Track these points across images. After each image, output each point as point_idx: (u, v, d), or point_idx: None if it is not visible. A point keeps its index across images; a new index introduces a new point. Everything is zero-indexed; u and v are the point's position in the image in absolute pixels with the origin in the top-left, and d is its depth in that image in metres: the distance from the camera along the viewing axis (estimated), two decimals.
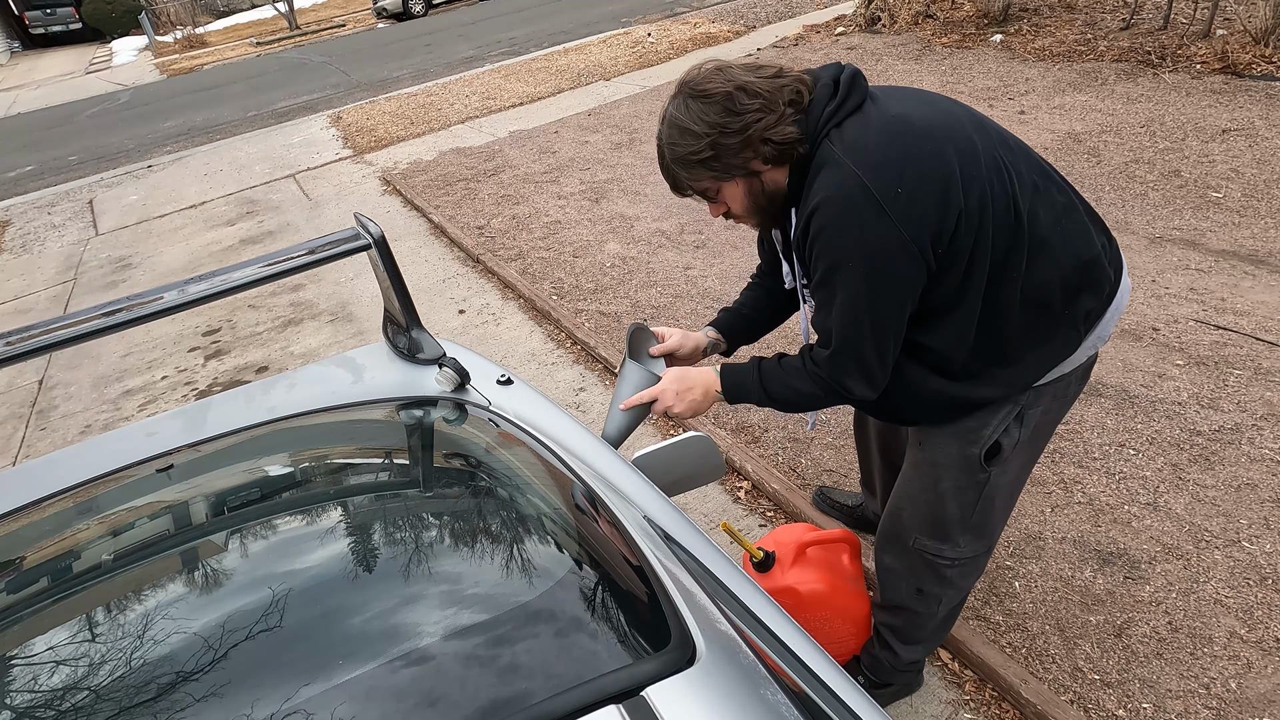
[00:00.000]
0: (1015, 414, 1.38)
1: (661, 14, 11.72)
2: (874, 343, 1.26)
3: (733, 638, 0.90)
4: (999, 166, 1.22)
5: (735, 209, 1.33)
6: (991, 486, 1.46)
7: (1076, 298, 1.29)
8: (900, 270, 1.19)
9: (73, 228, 6.73)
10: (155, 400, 3.81)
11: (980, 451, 1.40)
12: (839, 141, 1.20)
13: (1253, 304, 3.00)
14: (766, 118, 1.19)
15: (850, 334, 1.26)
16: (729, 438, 2.78)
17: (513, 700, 0.79)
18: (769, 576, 1.75)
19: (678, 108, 1.25)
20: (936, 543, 1.54)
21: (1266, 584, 1.97)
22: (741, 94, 1.19)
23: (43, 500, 1.35)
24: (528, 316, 3.95)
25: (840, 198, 1.17)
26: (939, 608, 1.64)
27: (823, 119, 1.21)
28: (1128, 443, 2.46)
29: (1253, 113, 4.63)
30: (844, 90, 1.22)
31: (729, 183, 1.28)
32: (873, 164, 1.16)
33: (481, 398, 1.54)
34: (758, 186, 1.28)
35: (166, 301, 1.45)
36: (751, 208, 1.32)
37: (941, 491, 1.48)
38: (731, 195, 1.30)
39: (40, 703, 0.84)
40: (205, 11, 25.19)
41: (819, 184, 1.20)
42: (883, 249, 1.17)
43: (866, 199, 1.15)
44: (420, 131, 7.63)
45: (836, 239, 1.20)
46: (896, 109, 1.22)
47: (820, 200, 1.19)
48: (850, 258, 1.20)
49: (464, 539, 1.08)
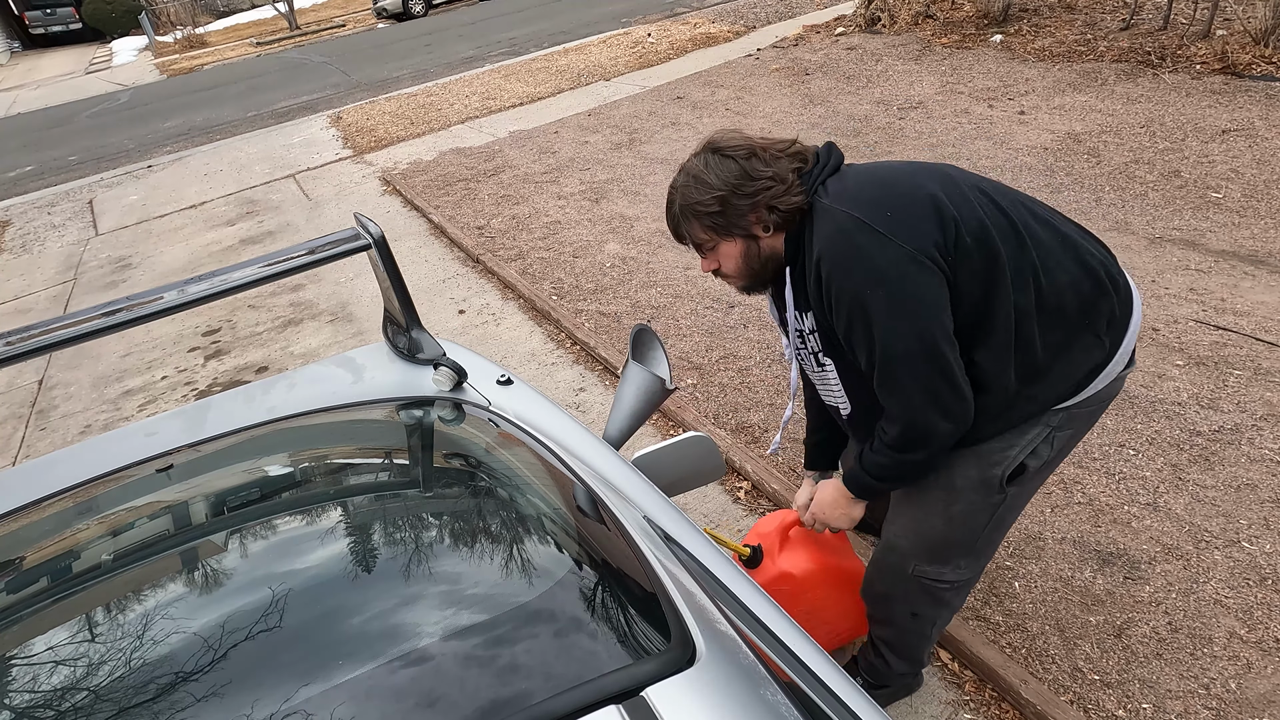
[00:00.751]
0: (1046, 436, 1.36)
1: (661, 14, 11.73)
2: (929, 365, 1.24)
3: (733, 638, 0.90)
4: (980, 190, 1.30)
5: (727, 267, 1.41)
6: (1005, 509, 1.44)
7: (1094, 304, 1.30)
8: (919, 282, 1.21)
9: (73, 228, 6.73)
10: (155, 400, 3.81)
11: (1003, 473, 1.38)
12: (825, 194, 1.30)
13: (1253, 304, 3.00)
14: (776, 187, 1.29)
15: (902, 370, 1.25)
16: (729, 438, 2.78)
17: (513, 700, 0.79)
18: (761, 570, 1.75)
19: (698, 160, 1.35)
20: (937, 567, 1.52)
21: (1266, 584, 1.97)
22: (757, 160, 1.30)
23: (43, 500, 1.35)
24: (528, 317, 3.95)
25: (839, 236, 1.25)
26: (932, 628, 1.64)
27: (813, 179, 1.32)
28: (1127, 443, 2.46)
29: (1252, 113, 4.63)
30: (824, 155, 1.35)
31: (728, 240, 1.36)
32: (858, 201, 1.26)
33: (481, 398, 1.54)
34: (754, 250, 1.36)
35: (166, 301, 1.45)
36: (744, 269, 1.39)
37: (952, 515, 1.45)
38: (727, 253, 1.38)
39: (40, 702, 0.84)
40: (205, 11, 25.19)
41: (817, 234, 1.29)
42: (894, 266, 1.21)
43: (861, 228, 1.23)
44: (420, 132, 7.63)
45: (849, 274, 1.24)
46: (868, 166, 1.37)
47: (823, 246, 1.27)
48: (867, 285, 1.23)
49: (464, 539, 1.08)
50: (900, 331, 1.23)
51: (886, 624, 1.70)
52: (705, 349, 3.34)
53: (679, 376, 3.19)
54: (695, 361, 3.27)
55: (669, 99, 7.14)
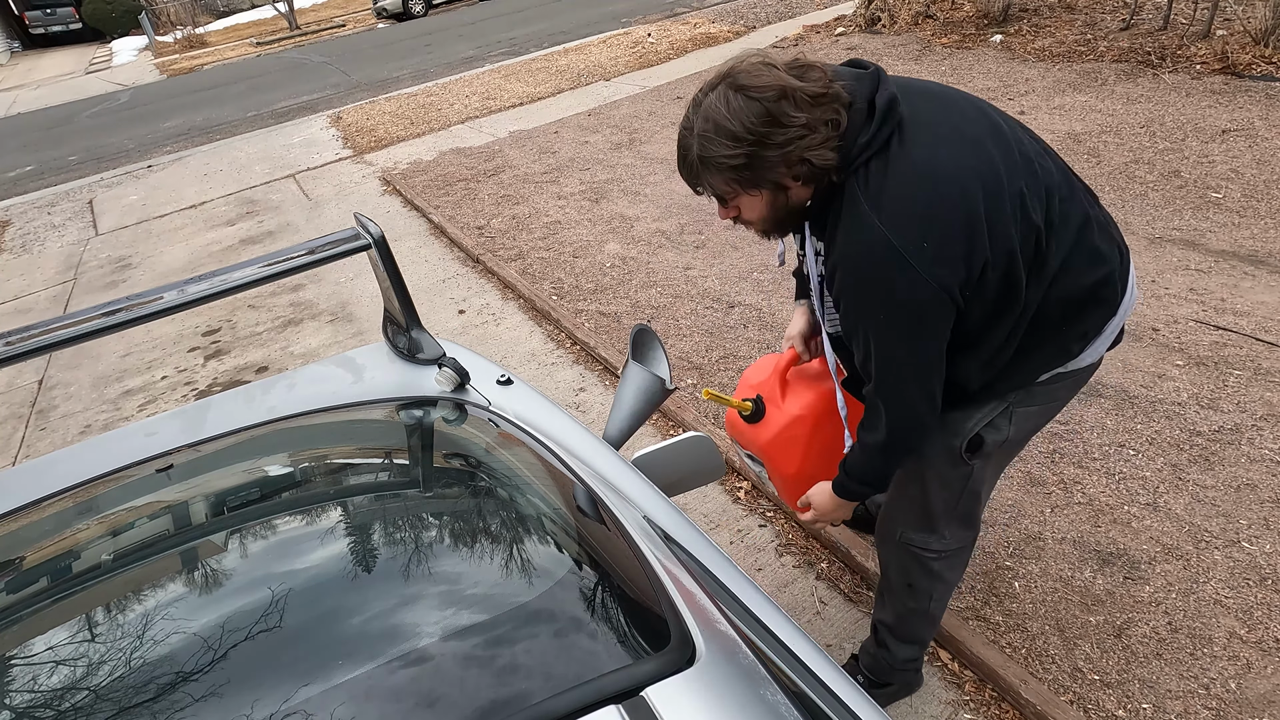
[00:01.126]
0: (1004, 410, 1.38)
1: (661, 14, 11.72)
2: (918, 386, 1.26)
3: (732, 638, 0.90)
4: (1023, 200, 1.18)
5: (749, 216, 1.27)
6: (975, 480, 1.47)
7: (1079, 316, 1.30)
8: (930, 320, 1.19)
9: (73, 228, 6.73)
10: (155, 400, 3.81)
11: (961, 444, 1.40)
12: (865, 185, 1.15)
13: (1253, 304, 3.00)
14: (810, 136, 1.12)
15: (891, 391, 1.27)
16: (729, 438, 2.78)
17: (513, 700, 0.79)
18: (768, 421, 1.65)
19: (719, 98, 1.13)
20: (923, 535, 1.55)
21: (1266, 584, 1.97)
22: (788, 103, 1.10)
23: (43, 500, 1.35)
24: (528, 317, 3.95)
25: (866, 255, 1.16)
26: (930, 603, 1.66)
27: (855, 150, 1.15)
28: (1127, 443, 2.46)
29: (1252, 113, 4.63)
30: (878, 121, 1.14)
31: (753, 193, 1.21)
32: (898, 217, 1.13)
33: (481, 398, 1.54)
34: (781, 201, 1.22)
35: (166, 301, 1.44)
36: (769, 219, 1.26)
37: (927, 482, 1.49)
38: (751, 204, 1.24)
39: (40, 702, 0.84)
40: (205, 11, 25.19)
41: (844, 231, 1.18)
42: (912, 302, 1.16)
43: (892, 256, 1.13)
44: (420, 131, 7.63)
45: (865, 296, 1.20)
46: (923, 151, 1.15)
47: (846, 254, 1.19)
48: (880, 312, 1.20)
49: (464, 539, 1.08)
50: (899, 358, 1.24)
51: (887, 599, 1.72)
52: (705, 349, 3.34)
53: (679, 376, 3.19)
54: (695, 361, 3.27)
55: (669, 99, 7.14)
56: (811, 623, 2.11)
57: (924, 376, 1.26)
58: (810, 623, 2.11)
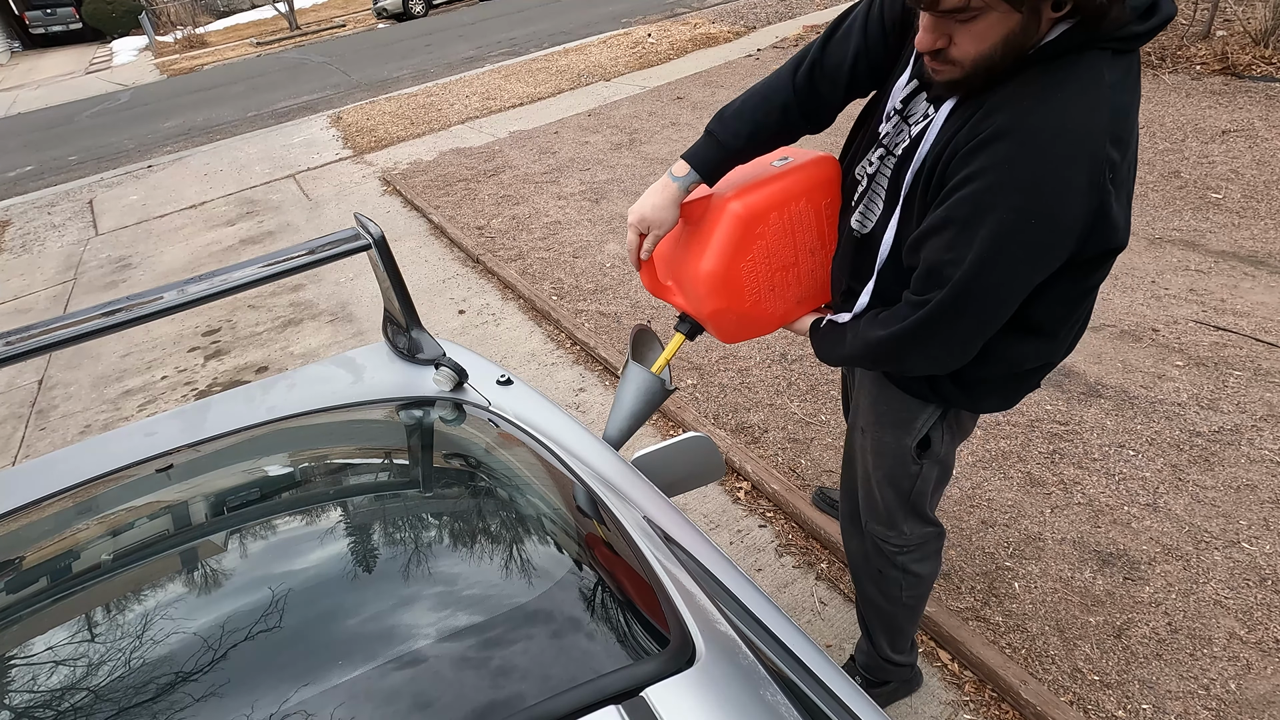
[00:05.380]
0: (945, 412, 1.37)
1: (661, 14, 11.73)
2: (977, 321, 1.08)
3: (732, 638, 0.90)
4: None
5: (965, 49, 0.99)
6: (924, 479, 1.47)
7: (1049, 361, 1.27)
8: (1057, 252, 1.02)
9: (73, 228, 6.72)
10: (155, 400, 3.81)
11: (913, 443, 1.41)
12: (1108, 73, 0.96)
13: (1252, 305, 3.00)
14: None
15: (947, 309, 1.07)
16: (729, 438, 2.78)
17: (512, 700, 0.79)
18: (715, 318, 1.38)
19: None
20: (884, 529, 1.56)
21: (1266, 585, 1.97)
22: None
23: (43, 500, 1.35)
24: (528, 317, 3.95)
25: (1072, 141, 0.95)
26: (901, 593, 1.65)
27: (1121, 26, 0.95)
28: (1127, 443, 2.46)
29: (1252, 114, 4.63)
30: (1151, 25, 0.97)
31: (1001, 13, 0.93)
32: (1119, 127, 0.97)
33: (481, 398, 1.54)
34: (1018, 35, 0.95)
35: (166, 301, 1.44)
36: (986, 57, 0.98)
37: (880, 479, 1.50)
38: (985, 30, 0.96)
39: (40, 702, 0.84)
40: (205, 11, 25.19)
41: (1061, 92, 0.96)
42: (1064, 221, 0.98)
43: (1095, 162, 0.95)
44: (420, 132, 7.63)
45: (1025, 178, 0.97)
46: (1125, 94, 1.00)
47: (1046, 122, 0.96)
48: (1024, 205, 0.97)
49: (464, 539, 1.08)
50: (991, 280, 1.02)
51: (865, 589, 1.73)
52: (705, 349, 3.34)
53: (679, 376, 3.19)
54: (695, 361, 3.27)
55: (669, 99, 7.14)
56: (811, 623, 2.12)
57: (992, 314, 1.07)
58: (810, 623, 2.11)
